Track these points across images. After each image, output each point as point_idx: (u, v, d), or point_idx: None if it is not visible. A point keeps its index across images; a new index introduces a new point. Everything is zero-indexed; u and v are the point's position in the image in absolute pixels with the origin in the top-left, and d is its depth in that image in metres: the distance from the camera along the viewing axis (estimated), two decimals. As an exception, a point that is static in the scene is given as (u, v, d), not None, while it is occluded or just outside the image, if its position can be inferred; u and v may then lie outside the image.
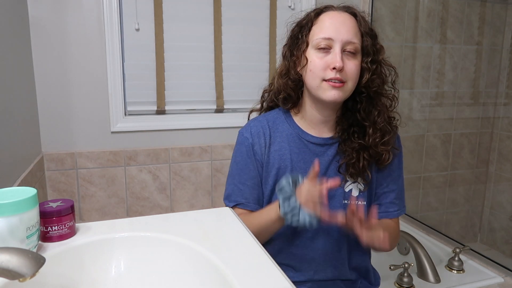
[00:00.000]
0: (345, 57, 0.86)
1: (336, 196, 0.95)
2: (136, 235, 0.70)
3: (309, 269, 0.98)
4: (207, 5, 1.67)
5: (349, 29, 0.87)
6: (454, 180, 2.18)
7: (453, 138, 2.14)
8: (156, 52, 1.63)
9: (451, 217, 2.20)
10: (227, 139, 1.75)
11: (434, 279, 1.27)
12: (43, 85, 1.50)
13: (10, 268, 0.42)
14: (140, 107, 1.66)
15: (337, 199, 0.95)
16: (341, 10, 0.91)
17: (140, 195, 1.69)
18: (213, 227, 0.75)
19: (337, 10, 0.91)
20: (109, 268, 0.67)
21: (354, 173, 0.93)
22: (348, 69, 0.86)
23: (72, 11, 1.50)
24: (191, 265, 0.65)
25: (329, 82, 0.86)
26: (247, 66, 1.75)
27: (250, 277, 0.57)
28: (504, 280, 1.28)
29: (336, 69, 0.85)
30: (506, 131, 2.13)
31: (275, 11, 1.75)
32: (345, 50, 0.87)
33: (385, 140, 0.92)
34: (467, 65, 2.09)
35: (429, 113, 2.08)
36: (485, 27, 2.08)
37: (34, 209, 0.60)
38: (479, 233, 2.26)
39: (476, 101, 2.15)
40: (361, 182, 0.95)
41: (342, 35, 0.86)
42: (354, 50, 0.87)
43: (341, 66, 0.84)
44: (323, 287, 0.99)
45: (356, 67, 0.88)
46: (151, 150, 1.67)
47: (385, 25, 1.92)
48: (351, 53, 0.87)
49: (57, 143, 1.56)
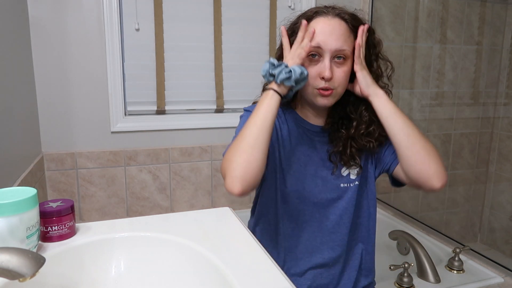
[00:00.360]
0: (334, 65, 0.89)
1: (335, 181, 0.98)
2: (136, 235, 0.71)
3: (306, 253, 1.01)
4: (207, 5, 1.67)
5: (339, 37, 0.88)
6: (454, 180, 2.18)
7: (453, 138, 2.13)
8: (156, 52, 1.63)
9: (451, 217, 2.20)
10: (227, 139, 1.75)
11: (434, 279, 1.27)
12: (43, 85, 1.50)
13: (10, 268, 0.42)
14: (140, 107, 1.66)
15: (336, 184, 0.98)
16: (331, 15, 0.89)
17: (140, 195, 1.69)
18: (213, 227, 0.75)
19: (328, 15, 0.89)
20: (109, 268, 0.67)
21: (346, 160, 0.97)
22: (337, 77, 0.89)
23: (72, 11, 1.50)
24: (191, 265, 0.65)
25: (319, 90, 0.89)
26: (247, 66, 1.75)
27: (250, 277, 0.57)
28: (504, 280, 1.28)
29: (325, 79, 0.88)
30: (506, 131, 2.13)
31: (275, 11, 1.75)
32: (335, 57, 0.89)
33: (370, 131, 0.95)
34: (467, 65, 2.09)
35: (429, 113, 2.08)
36: (485, 27, 2.08)
37: (34, 209, 0.60)
38: (479, 233, 2.26)
39: (476, 101, 2.15)
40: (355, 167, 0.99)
41: (331, 44, 0.88)
42: (344, 56, 0.89)
43: (330, 76, 0.87)
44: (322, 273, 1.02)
45: (344, 73, 0.90)
46: (151, 150, 1.67)
47: (385, 25, 1.92)
48: (340, 59, 0.89)
49: (57, 143, 1.56)
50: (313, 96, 0.91)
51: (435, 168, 0.86)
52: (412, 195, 2.11)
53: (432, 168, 0.86)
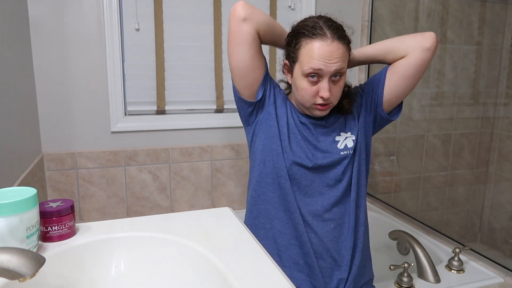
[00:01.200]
0: (331, 83, 0.97)
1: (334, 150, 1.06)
2: (136, 235, 0.71)
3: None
4: (207, 5, 1.67)
5: (338, 60, 0.95)
6: (454, 180, 2.18)
7: (453, 138, 2.14)
8: (156, 52, 1.63)
9: (451, 217, 2.20)
10: (227, 139, 1.76)
11: (434, 279, 1.27)
12: (43, 85, 1.50)
13: (10, 268, 0.42)
14: (140, 107, 1.66)
15: (336, 152, 1.06)
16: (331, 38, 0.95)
17: (140, 195, 1.69)
18: (213, 227, 0.75)
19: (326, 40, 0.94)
20: (109, 268, 0.67)
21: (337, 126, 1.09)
22: (334, 93, 0.99)
23: (72, 11, 1.50)
24: (191, 265, 0.65)
25: (317, 105, 1.00)
26: (247, 66, 1.75)
27: (250, 277, 0.57)
28: (504, 280, 1.28)
29: (324, 99, 0.97)
30: (506, 131, 2.13)
31: (275, 11, 1.75)
32: (332, 76, 0.97)
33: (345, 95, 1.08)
34: (467, 65, 2.09)
35: (429, 113, 2.08)
36: (485, 27, 2.08)
37: (34, 209, 0.60)
38: (479, 233, 2.26)
39: (476, 101, 2.15)
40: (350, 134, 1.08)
41: (331, 67, 0.95)
42: (341, 74, 0.97)
43: (329, 97, 0.97)
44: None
45: (340, 88, 1.00)
46: (151, 150, 1.67)
47: (385, 25, 1.92)
48: (337, 77, 0.98)
49: (57, 143, 1.56)
50: (311, 109, 1.02)
51: (417, 34, 1.02)
52: (412, 195, 2.11)
53: (416, 35, 1.02)
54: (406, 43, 1.02)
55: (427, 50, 0.99)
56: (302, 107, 1.05)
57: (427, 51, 1.00)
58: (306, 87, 0.98)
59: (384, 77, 1.05)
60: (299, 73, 0.99)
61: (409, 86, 1.04)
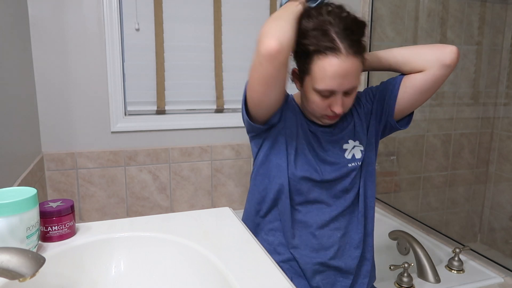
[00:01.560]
0: (344, 96, 0.93)
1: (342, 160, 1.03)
2: (136, 235, 0.71)
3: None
4: (207, 5, 1.67)
5: (352, 78, 0.89)
6: (454, 180, 2.18)
7: (453, 138, 2.14)
8: (156, 52, 1.63)
9: (451, 217, 2.20)
10: (227, 139, 1.75)
11: (434, 279, 1.27)
12: (43, 85, 1.50)
13: (10, 268, 0.42)
14: (140, 107, 1.66)
15: (343, 163, 1.02)
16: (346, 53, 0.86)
17: (140, 195, 1.69)
18: (213, 227, 0.75)
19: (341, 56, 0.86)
20: (109, 268, 0.67)
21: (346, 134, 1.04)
22: (346, 105, 0.94)
23: (72, 11, 1.50)
24: (191, 265, 0.65)
25: (328, 116, 0.96)
26: (247, 66, 1.74)
27: (250, 277, 0.57)
28: (504, 280, 1.28)
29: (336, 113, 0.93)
30: (506, 131, 2.13)
31: (275, 11, 1.75)
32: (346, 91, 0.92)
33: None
34: (467, 65, 2.09)
35: (429, 113, 2.08)
36: (485, 27, 2.08)
37: (34, 209, 0.60)
38: (479, 233, 2.26)
39: (476, 101, 2.15)
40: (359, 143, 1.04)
41: (345, 86, 0.90)
42: (353, 89, 0.93)
43: (342, 112, 0.93)
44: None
45: (352, 99, 0.95)
46: (151, 150, 1.67)
47: (385, 25, 1.92)
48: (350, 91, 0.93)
49: (57, 143, 1.56)
50: (320, 118, 0.99)
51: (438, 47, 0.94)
52: (412, 195, 2.11)
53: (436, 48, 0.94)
54: (425, 56, 0.94)
55: (447, 67, 0.91)
56: (311, 115, 1.01)
57: (447, 68, 0.91)
58: (317, 101, 0.93)
59: (398, 87, 1.00)
60: (310, 86, 0.93)
61: (423, 100, 1.00)
